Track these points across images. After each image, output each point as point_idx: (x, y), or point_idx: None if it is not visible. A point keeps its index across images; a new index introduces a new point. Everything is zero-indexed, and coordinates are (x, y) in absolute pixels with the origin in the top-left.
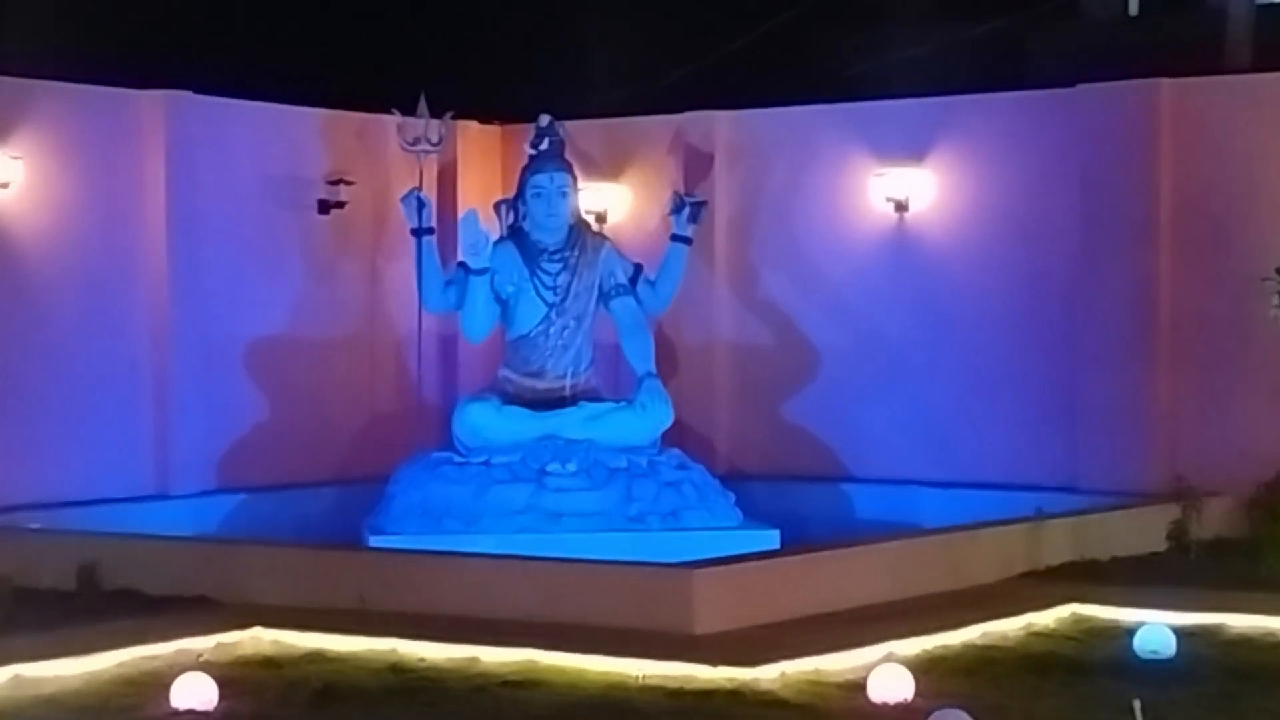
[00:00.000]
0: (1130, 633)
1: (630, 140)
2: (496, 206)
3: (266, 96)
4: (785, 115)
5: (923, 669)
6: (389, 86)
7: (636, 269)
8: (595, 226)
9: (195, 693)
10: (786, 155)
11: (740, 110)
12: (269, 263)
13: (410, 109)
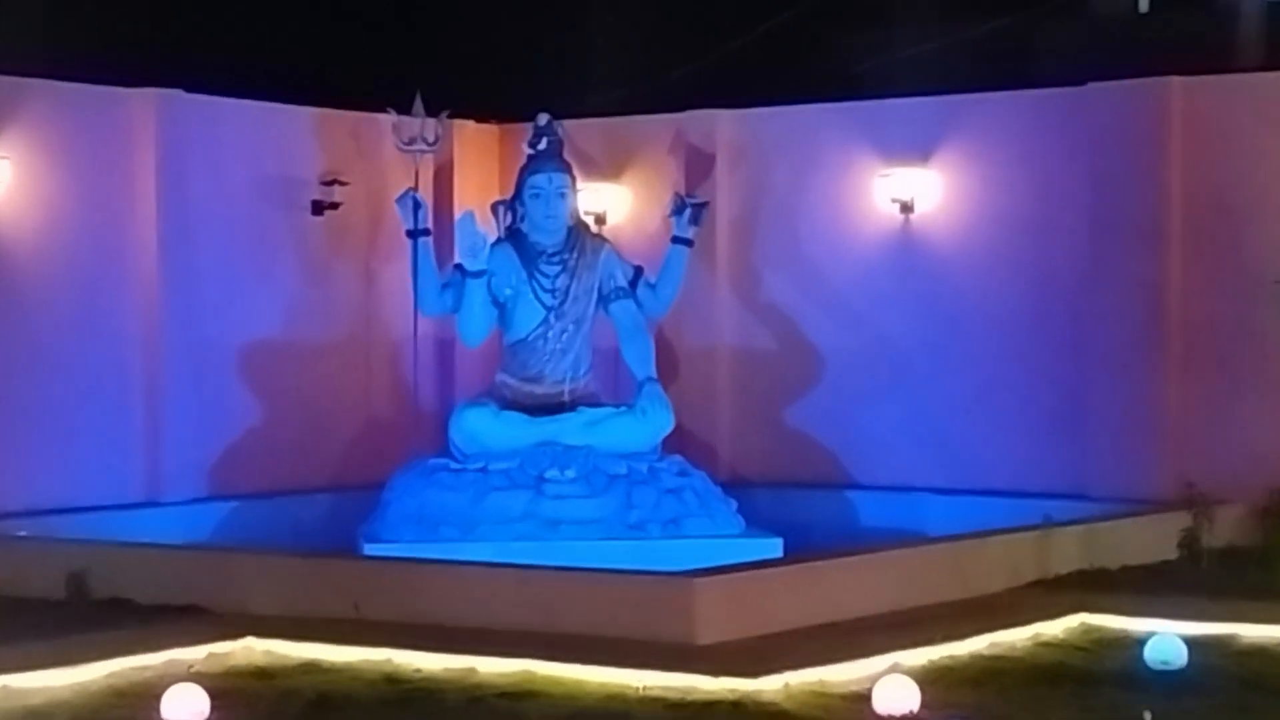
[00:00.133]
0: (1141, 643)
1: (630, 140)
2: (494, 208)
3: (259, 95)
4: (788, 114)
5: (929, 680)
6: (384, 85)
7: (637, 271)
8: (595, 228)
9: (186, 704)
10: (790, 155)
11: (742, 109)
12: (262, 264)
13: (406, 108)
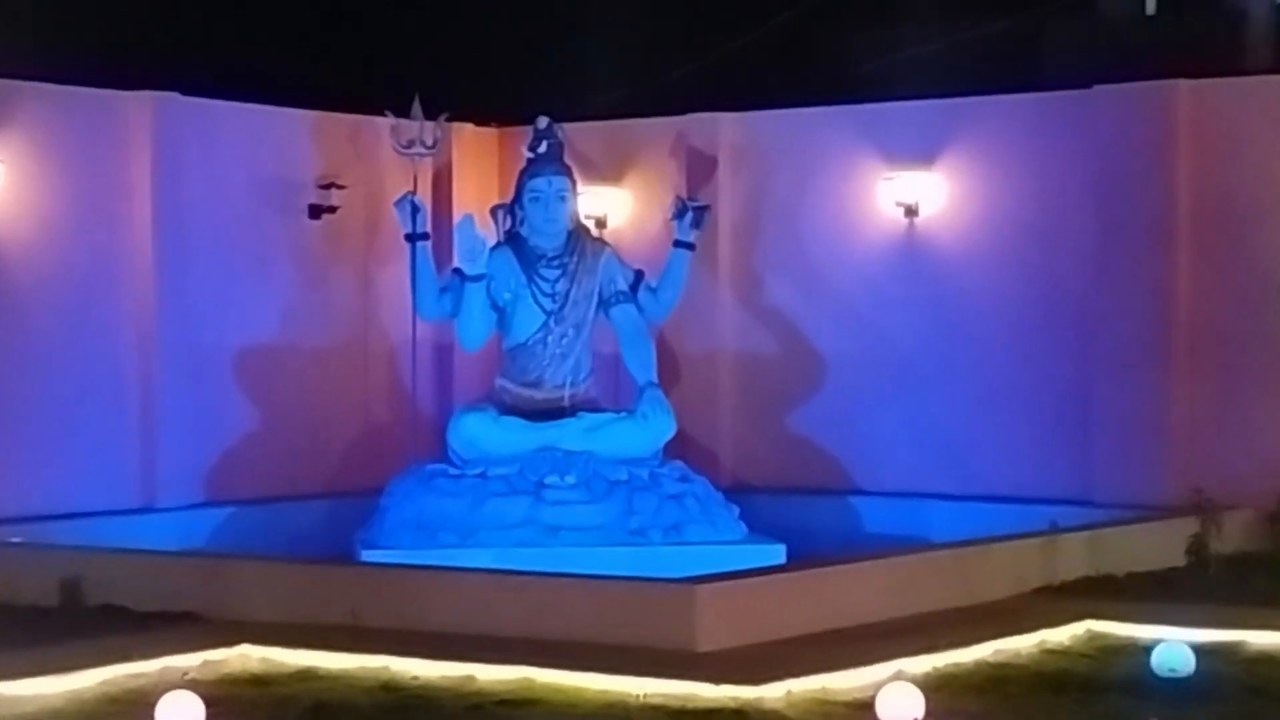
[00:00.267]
0: (1147, 650)
1: (631, 143)
2: (493, 211)
3: (255, 98)
4: (791, 117)
5: (933, 687)
6: (382, 87)
7: (637, 276)
8: (595, 232)
9: (181, 712)
10: (792, 158)
11: (745, 112)
12: (258, 269)
13: (404, 110)
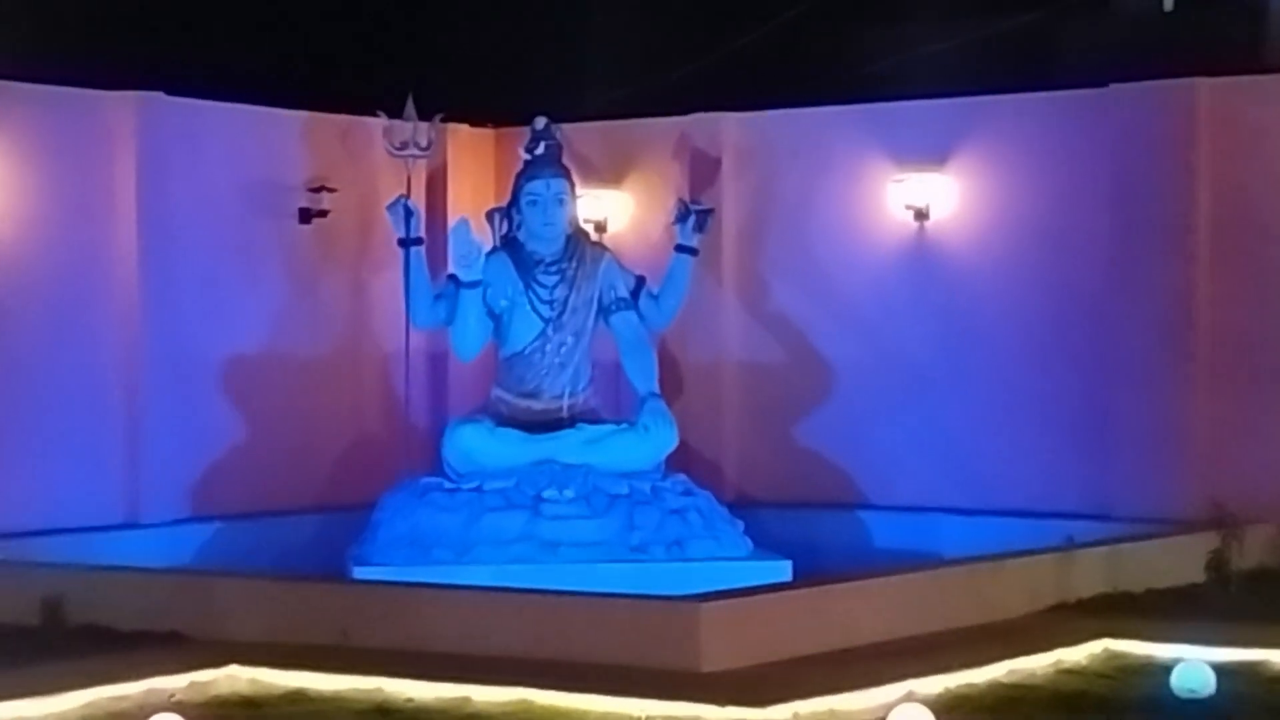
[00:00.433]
0: (1167, 670)
1: (632, 144)
2: (489, 215)
3: (244, 98)
4: (798, 117)
5: (945, 709)
6: (374, 87)
7: (639, 282)
8: (595, 236)
9: None
10: (799, 160)
11: (750, 111)
12: (247, 275)
13: (397, 111)
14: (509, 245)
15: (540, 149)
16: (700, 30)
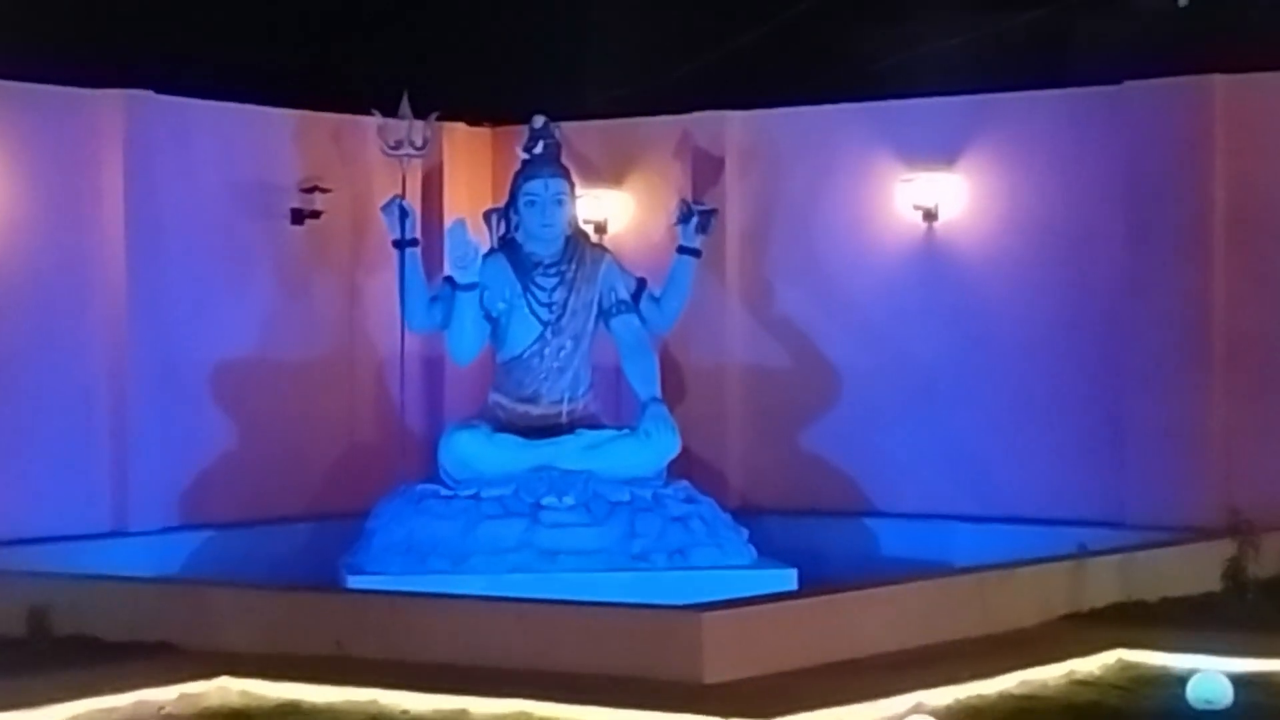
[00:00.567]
0: (1182, 681)
1: (633, 143)
2: (486, 216)
3: (234, 96)
4: (803, 115)
5: None
6: (368, 85)
7: (640, 284)
8: (595, 238)
9: None
10: (805, 159)
11: (754, 110)
12: (237, 277)
13: (392, 109)
14: (507, 247)
15: (539, 148)
16: (703, 26)
